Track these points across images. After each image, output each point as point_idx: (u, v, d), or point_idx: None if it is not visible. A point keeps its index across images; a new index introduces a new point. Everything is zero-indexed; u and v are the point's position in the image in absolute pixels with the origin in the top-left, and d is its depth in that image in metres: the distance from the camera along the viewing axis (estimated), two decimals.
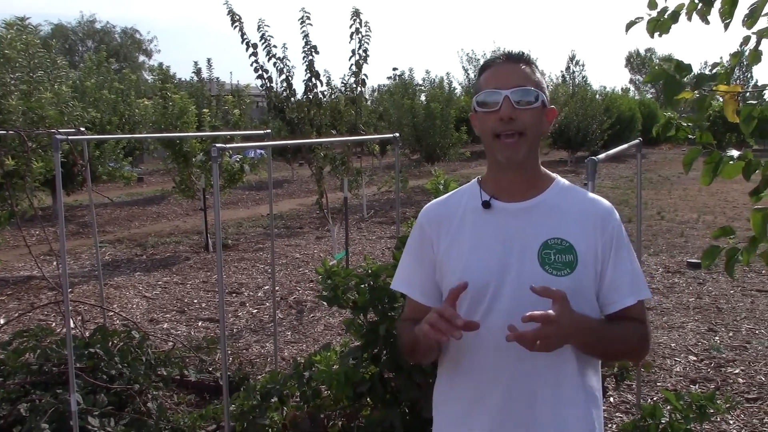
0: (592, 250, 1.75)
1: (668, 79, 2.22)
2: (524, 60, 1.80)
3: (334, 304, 3.36)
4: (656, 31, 2.51)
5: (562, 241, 1.75)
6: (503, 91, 1.73)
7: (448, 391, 1.89)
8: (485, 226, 1.81)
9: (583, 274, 1.73)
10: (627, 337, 1.77)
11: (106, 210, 15.59)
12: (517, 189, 1.81)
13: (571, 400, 1.76)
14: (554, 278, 1.71)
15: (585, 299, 1.74)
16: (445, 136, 20.08)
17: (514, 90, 1.73)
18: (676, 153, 32.11)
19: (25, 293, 8.34)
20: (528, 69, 1.79)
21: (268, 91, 8.64)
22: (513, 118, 1.71)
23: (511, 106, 1.72)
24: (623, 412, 4.76)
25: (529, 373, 1.73)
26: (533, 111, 1.74)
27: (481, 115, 1.78)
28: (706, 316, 6.97)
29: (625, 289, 1.77)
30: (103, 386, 4.42)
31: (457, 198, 1.91)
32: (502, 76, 1.76)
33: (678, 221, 12.91)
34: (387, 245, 11.02)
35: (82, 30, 53.12)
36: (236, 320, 7.20)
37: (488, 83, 1.77)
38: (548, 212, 1.79)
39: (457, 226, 1.85)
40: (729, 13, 2.24)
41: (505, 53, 1.83)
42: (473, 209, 1.84)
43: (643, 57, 67.55)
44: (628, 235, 1.86)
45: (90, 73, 14.51)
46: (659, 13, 2.47)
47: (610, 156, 3.53)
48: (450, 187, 3.34)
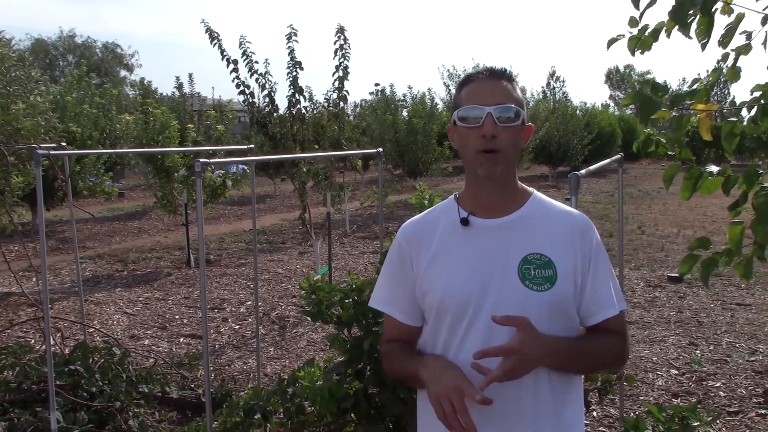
0: (571, 264, 1.76)
1: (644, 100, 2.25)
2: (506, 77, 1.81)
3: (317, 319, 3.35)
4: (637, 49, 2.55)
5: (542, 256, 1.75)
6: (486, 108, 1.73)
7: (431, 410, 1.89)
8: (464, 243, 1.81)
9: (563, 288, 1.74)
10: (600, 351, 1.78)
11: (86, 225, 15.47)
12: (495, 205, 1.81)
13: (551, 411, 1.76)
14: (535, 293, 1.72)
15: (565, 313, 1.76)
16: (428, 152, 20.15)
17: (497, 107, 1.73)
18: (656, 168, 32.42)
19: (4, 310, 8.24)
20: (510, 86, 1.79)
21: (251, 106, 8.65)
22: (495, 135, 1.72)
23: (494, 123, 1.72)
24: (606, 426, 4.77)
25: (510, 387, 1.72)
26: (513, 129, 1.76)
27: (461, 130, 1.78)
28: (687, 329, 7.02)
29: (604, 302, 1.79)
30: (84, 404, 4.38)
31: (435, 215, 1.92)
32: (485, 93, 1.76)
33: (658, 236, 13.01)
34: (370, 260, 11.01)
35: (62, 45, 52.89)
36: (218, 336, 7.15)
37: (470, 98, 1.77)
38: (527, 227, 1.80)
39: (436, 244, 1.84)
40: (706, 33, 2.27)
41: (487, 69, 1.83)
42: (452, 227, 1.84)
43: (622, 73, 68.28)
44: (607, 249, 1.87)
45: (71, 88, 14.44)
46: (640, 31, 2.51)
47: (592, 171, 3.56)
48: (434, 201, 3.35)
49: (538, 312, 1.71)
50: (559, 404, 1.77)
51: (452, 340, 1.79)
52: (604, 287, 1.79)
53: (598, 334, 1.81)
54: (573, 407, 1.82)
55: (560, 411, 1.78)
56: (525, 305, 1.71)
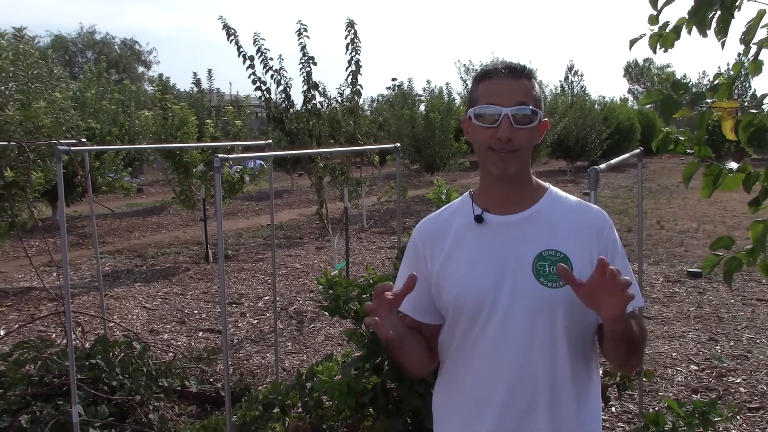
0: (587, 260, 1.73)
1: (665, 99, 2.23)
2: (526, 74, 1.75)
3: (335, 314, 3.35)
4: (660, 47, 2.52)
5: (557, 253, 1.73)
6: (504, 109, 1.69)
7: (446, 406, 1.89)
8: (479, 240, 1.79)
9: None
10: (640, 328, 1.74)
11: (106, 221, 15.59)
12: (510, 201, 1.79)
13: (568, 409, 1.74)
14: (550, 290, 1.70)
15: (581, 310, 1.70)
16: (445, 146, 20.09)
17: (515, 108, 1.69)
18: (675, 162, 32.17)
19: (26, 304, 8.33)
20: (528, 84, 1.74)
21: (267, 102, 8.67)
22: (511, 138, 1.69)
23: (510, 125, 1.69)
24: (625, 421, 4.76)
25: (526, 384, 1.73)
26: (531, 130, 1.73)
27: (476, 128, 1.75)
28: (706, 325, 6.97)
29: None
30: (105, 397, 4.42)
31: (450, 213, 1.90)
32: (503, 92, 1.71)
33: (678, 230, 12.92)
34: (387, 255, 11.01)
35: (81, 41, 53.25)
36: (237, 331, 7.19)
37: (487, 97, 1.73)
38: (542, 223, 1.78)
39: (451, 242, 1.83)
40: (724, 32, 2.25)
41: (506, 65, 1.76)
42: (466, 224, 1.83)
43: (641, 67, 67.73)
44: (625, 244, 1.84)
45: (90, 84, 14.54)
46: (660, 28, 2.48)
47: (612, 165, 3.53)
48: (452, 196, 3.34)
49: (552, 309, 1.70)
50: (578, 402, 1.76)
51: (468, 337, 1.78)
52: None
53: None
54: (591, 405, 1.81)
55: (579, 409, 1.76)
56: (538, 302, 1.70)
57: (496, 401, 1.74)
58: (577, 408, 1.76)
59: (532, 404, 1.72)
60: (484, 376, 1.76)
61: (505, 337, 1.72)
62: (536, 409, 1.72)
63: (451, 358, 1.85)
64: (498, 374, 1.73)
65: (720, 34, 2.26)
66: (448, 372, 1.87)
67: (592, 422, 1.81)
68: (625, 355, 1.73)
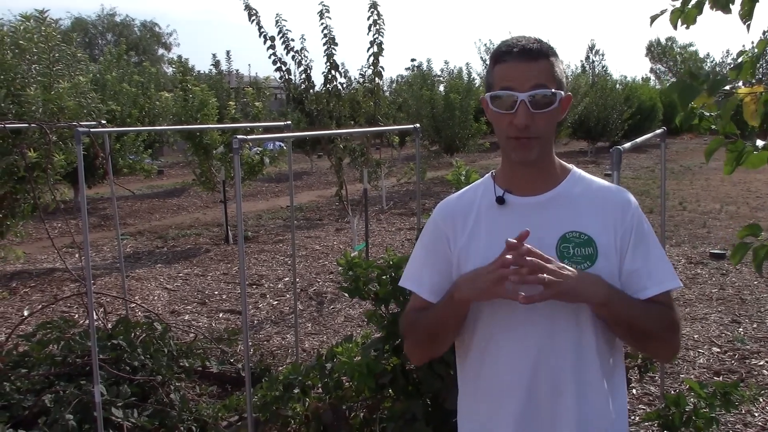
0: (612, 242, 1.70)
1: (683, 87, 2.19)
2: (543, 54, 1.65)
3: (355, 295, 3.35)
4: (681, 24, 2.47)
5: (581, 234, 1.70)
6: (519, 95, 1.62)
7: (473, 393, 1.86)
8: (501, 222, 1.75)
9: (603, 266, 1.68)
10: (651, 314, 1.69)
11: (127, 202, 15.70)
12: (532, 182, 1.75)
13: (594, 396, 1.71)
14: None
15: None
16: (465, 127, 19.99)
17: (531, 93, 1.62)
18: (698, 143, 31.80)
19: (49, 285, 8.42)
20: (546, 64, 1.66)
21: (287, 83, 8.66)
22: (528, 125, 1.63)
23: (528, 111, 1.62)
24: (646, 404, 4.73)
25: (550, 369, 1.69)
26: (551, 112, 1.66)
27: (494, 113, 1.69)
28: (729, 307, 6.90)
29: (647, 280, 1.71)
30: (126, 377, 4.46)
31: (472, 193, 1.86)
32: (518, 76, 1.63)
33: (700, 212, 12.78)
34: (406, 236, 11.01)
35: (101, 23, 53.42)
36: (257, 312, 7.22)
37: (502, 80, 1.65)
38: (565, 205, 1.74)
39: (473, 222, 1.79)
40: (749, 15, 2.20)
41: (521, 46, 1.65)
42: (488, 205, 1.79)
43: (663, 46, 66.75)
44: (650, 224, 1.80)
45: (110, 67, 14.59)
46: (683, 3, 2.43)
47: (636, 145, 3.49)
48: (471, 177, 3.32)
49: None
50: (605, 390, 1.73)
51: (491, 322, 1.75)
52: (646, 265, 1.71)
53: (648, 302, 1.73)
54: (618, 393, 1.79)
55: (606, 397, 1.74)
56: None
57: (521, 385, 1.70)
58: (604, 396, 1.73)
59: (557, 390, 1.69)
60: (509, 361, 1.73)
61: (529, 321, 1.69)
62: (562, 396, 1.69)
63: (477, 344, 1.80)
64: (522, 359, 1.70)
65: (745, 17, 2.21)
66: (474, 359, 1.82)
67: (618, 410, 1.77)
68: (627, 338, 1.72)
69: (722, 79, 2.29)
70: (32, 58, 6.47)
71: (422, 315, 1.83)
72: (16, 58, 6.40)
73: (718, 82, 2.25)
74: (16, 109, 6.29)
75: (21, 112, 6.29)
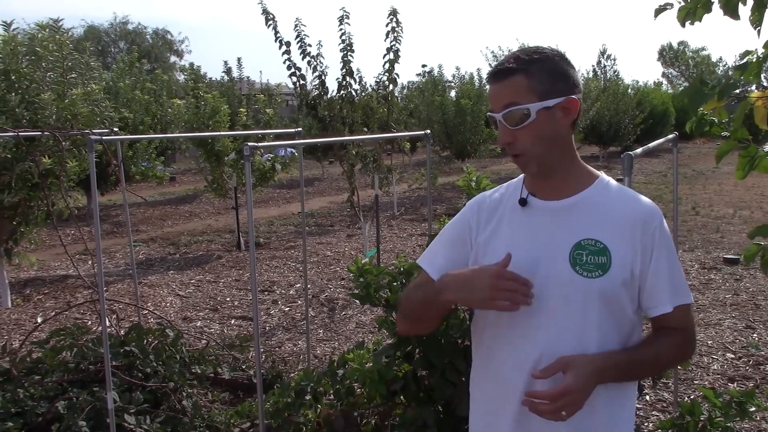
0: (629, 253, 1.68)
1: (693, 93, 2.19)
2: (515, 71, 1.67)
3: (366, 302, 3.35)
4: (687, 20, 2.46)
5: (597, 243, 1.69)
6: (495, 115, 1.70)
7: (479, 389, 1.89)
8: (521, 223, 1.78)
9: (617, 276, 1.67)
10: (659, 356, 1.72)
11: (139, 209, 15.78)
12: (556, 187, 1.76)
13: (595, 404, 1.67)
14: (585, 279, 1.67)
15: (618, 302, 1.69)
16: (476, 133, 19.93)
17: (503, 113, 1.68)
18: (710, 147, 31.58)
19: (62, 292, 8.47)
20: (520, 79, 1.66)
21: (301, 89, 8.66)
22: (511, 142, 1.69)
23: (507, 130, 1.68)
24: (659, 410, 4.70)
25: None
26: (531, 126, 1.66)
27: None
28: (743, 313, 6.85)
29: (663, 296, 1.70)
30: (139, 384, 4.47)
31: (504, 191, 1.89)
32: (493, 97, 1.71)
33: (713, 216, 12.71)
34: (418, 243, 11.00)
35: (114, 31, 53.73)
36: (268, 318, 7.23)
37: (489, 103, 1.74)
38: (586, 212, 1.73)
39: (497, 220, 1.82)
40: (758, 21, 2.19)
41: (495, 68, 1.72)
42: (513, 205, 1.82)
43: (676, 50, 66.47)
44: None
45: (123, 74, 14.67)
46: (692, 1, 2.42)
47: (648, 150, 3.47)
48: (482, 183, 3.31)
49: (585, 299, 1.67)
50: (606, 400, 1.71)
51: (500, 323, 1.77)
52: (663, 281, 1.70)
53: (660, 333, 1.75)
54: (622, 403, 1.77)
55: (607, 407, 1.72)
56: (570, 291, 1.68)
57: (521, 388, 1.70)
58: (605, 405, 1.71)
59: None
60: (514, 362, 1.74)
61: (536, 323, 1.70)
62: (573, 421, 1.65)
63: (487, 342, 1.84)
64: (526, 361, 1.71)
65: (755, 23, 2.20)
66: (484, 355, 1.86)
67: (621, 422, 1.76)
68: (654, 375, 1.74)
69: (732, 84, 2.28)
70: (47, 66, 6.53)
71: (415, 292, 1.88)
72: (32, 65, 6.47)
73: (727, 86, 2.24)
74: (31, 116, 6.35)
75: (35, 119, 6.35)
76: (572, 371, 1.57)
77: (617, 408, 1.75)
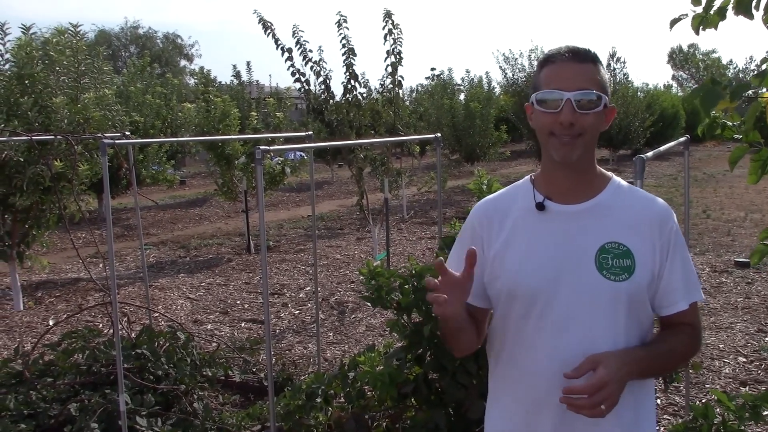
0: (649, 254, 1.69)
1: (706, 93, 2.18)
2: (590, 58, 1.70)
3: (377, 304, 3.36)
4: (702, 28, 2.46)
5: (620, 245, 1.69)
6: (566, 94, 1.64)
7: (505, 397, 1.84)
8: (539, 228, 1.75)
9: (640, 278, 1.68)
10: (673, 351, 1.73)
11: (149, 213, 15.83)
12: (572, 190, 1.74)
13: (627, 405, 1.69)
14: (612, 283, 1.67)
15: (642, 304, 1.70)
16: (485, 136, 19.92)
17: (578, 93, 1.64)
18: (721, 150, 31.47)
19: (73, 295, 8.51)
20: (593, 68, 1.69)
21: (307, 93, 8.70)
22: (573, 123, 1.64)
23: (573, 110, 1.64)
24: (671, 414, 4.68)
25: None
26: (594, 114, 1.67)
27: (538, 113, 1.70)
28: (755, 316, 6.82)
29: (679, 293, 1.72)
30: (150, 386, 4.49)
31: (510, 196, 1.85)
32: (566, 77, 1.66)
33: (724, 220, 12.66)
34: (427, 246, 11.00)
35: (125, 36, 53.99)
36: (279, 321, 7.25)
37: (550, 82, 1.68)
38: (604, 215, 1.73)
39: (510, 226, 1.78)
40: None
41: (570, 49, 1.70)
42: (527, 210, 1.78)
43: (686, 53, 66.22)
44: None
45: (134, 79, 14.75)
46: (704, 9, 2.42)
47: (659, 153, 3.47)
48: (493, 186, 3.32)
49: (613, 302, 1.67)
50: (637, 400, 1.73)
51: (525, 329, 1.74)
52: (680, 279, 1.72)
53: (671, 331, 1.76)
54: (648, 403, 1.79)
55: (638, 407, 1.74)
56: (600, 295, 1.67)
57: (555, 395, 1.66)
58: (636, 405, 1.73)
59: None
60: (544, 371, 1.71)
61: (566, 331, 1.68)
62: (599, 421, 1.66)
63: (508, 348, 1.81)
64: (558, 371, 1.67)
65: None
66: (506, 362, 1.83)
67: (649, 420, 1.78)
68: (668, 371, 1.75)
69: (744, 84, 2.28)
70: (61, 70, 6.58)
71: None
72: (46, 69, 6.52)
73: (740, 87, 2.24)
74: (43, 119, 6.40)
75: (47, 122, 6.39)
76: (603, 366, 1.57)
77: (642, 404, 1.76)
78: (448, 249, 3.16)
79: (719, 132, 2.75)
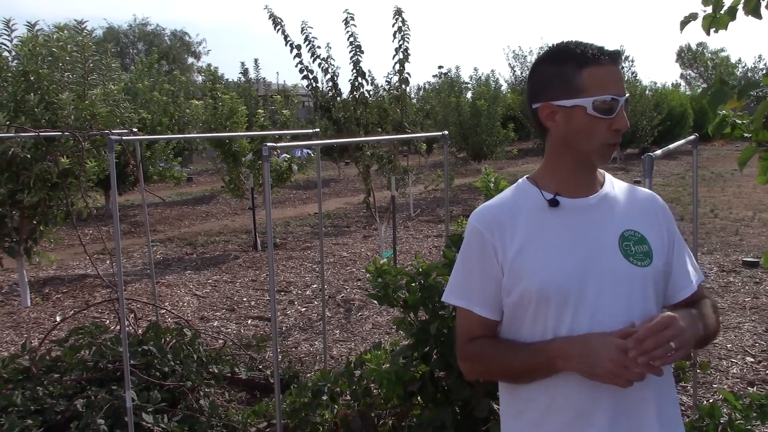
0: (659, 240, 1.74)
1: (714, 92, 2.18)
2: (620, 58, 1.71)
3: (384, 302, 3.35)
4: (712, 28, 2.44)
5: (636, 233, 1.72)
6: (620, 99, 1.64)
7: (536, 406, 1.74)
8: (556, 224, 1.71)
9: (659, 263, 1.72)
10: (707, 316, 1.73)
11: (156, 209, 15.86)
12: (582, 185, 1.75)
13: (668, 396, 1.74)
14: (639, 269, 1.67)
15: (661, 289, 1.74)
16: (492, 134, 19.89)
17: (626, 98, 1.67)
18: (729, 149, 31.35)
19: (81, 291, 8.53)
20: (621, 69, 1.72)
21: (314, 91, 8.69)
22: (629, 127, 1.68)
23: (624, 114, 1.66)
24: None
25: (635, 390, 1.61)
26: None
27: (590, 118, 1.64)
28: (763, 316, 6.79)
29: (690, 275, 1.79)
30: (157, 383, 4.50)
31: (512, 199, 1.79)
32: (615, 80, 1.64)
33: (732, 219, 12.60)
34: (434, 244, 10.99)
35: (132, 33, 54.07)
36: (285, 318, 7.25)
37: (605, 86, 1.63)
38: (614, 205, 1.76)
39: (524, 229, 1.72)
40: None
41: (606, 51, 1.66)
42: (537, 209, 1.73)
43: (694, 51, 65.93)
44: (680, 232, 1.87)
45: (142, 75, 14.79)
46: (714, 9, 2.40)
47: (668, 151, 3.45)
48: (500, 184, 3.30)
49: (642, 288, 1.67)
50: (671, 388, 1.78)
51: (560, 327, 1.66)
52: (686, 261, 1.80)
53: (693, 303, 1.77)
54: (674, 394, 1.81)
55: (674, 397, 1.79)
56: (630, 282, 1.66)
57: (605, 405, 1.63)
58: (673, 395, 1.77)
59: (643, 398, 1.65)
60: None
61: (604, 322, 1.63)
62: (645, 402, 1.65)
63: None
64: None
65: None
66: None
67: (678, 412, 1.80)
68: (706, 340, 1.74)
69: (753, 83, 2.26)
70: (65, 67, 6.59)
71: (498, 352, 1.76)
72: (51, 67, 6.54)
73: (748, 85, 2.23)
74: (50, 116, 6.41)
75: (54, 119, 6.41)
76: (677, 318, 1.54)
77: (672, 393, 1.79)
78: (455, 247, 3.15)
79: (728, 131, 2.73)
